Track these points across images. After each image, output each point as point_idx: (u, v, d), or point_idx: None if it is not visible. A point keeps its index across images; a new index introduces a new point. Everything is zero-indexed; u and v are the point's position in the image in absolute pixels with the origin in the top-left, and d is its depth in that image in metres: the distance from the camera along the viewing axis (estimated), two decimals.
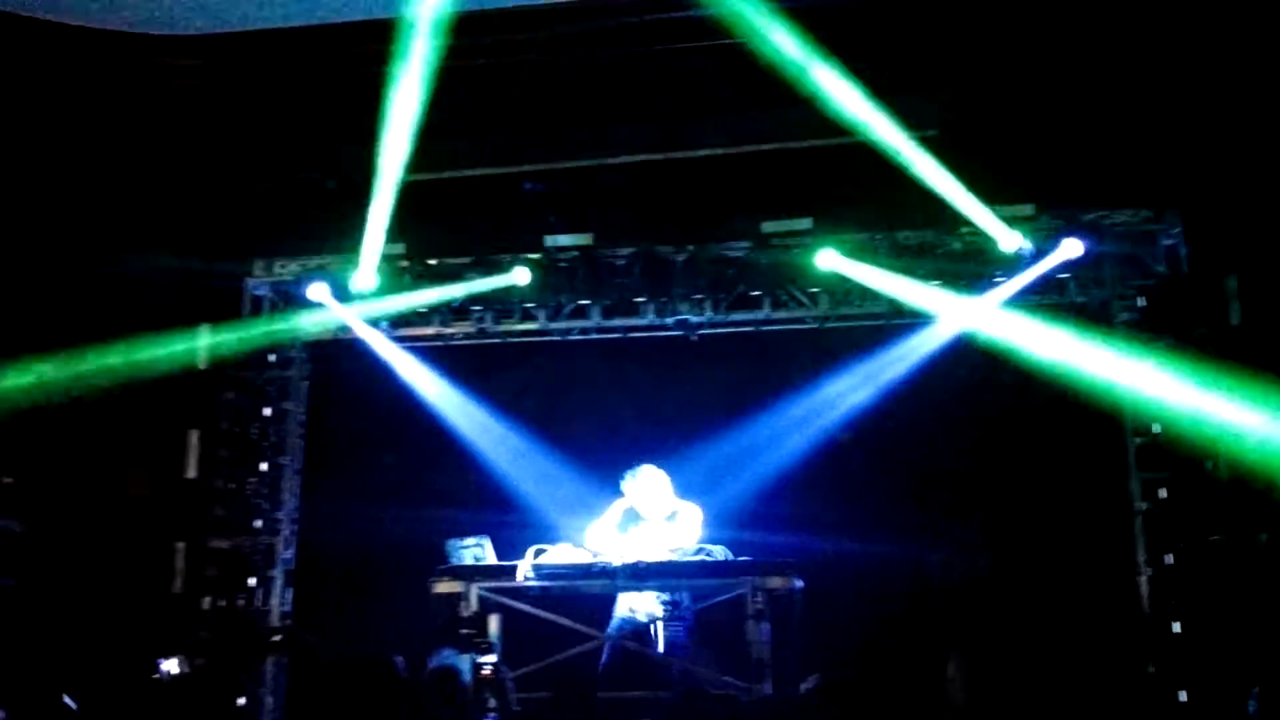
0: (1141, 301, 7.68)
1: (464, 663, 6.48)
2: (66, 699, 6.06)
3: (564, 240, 8.19)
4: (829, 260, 7.79)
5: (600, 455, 7.88)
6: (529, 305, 8.40)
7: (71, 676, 6.55)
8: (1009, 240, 7.59)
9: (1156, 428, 7.42)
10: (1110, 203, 7.71)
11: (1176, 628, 7.08)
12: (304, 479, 8.57)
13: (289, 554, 8.42)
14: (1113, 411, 7.56)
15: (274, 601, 8.29)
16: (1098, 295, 7.86)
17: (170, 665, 7.22)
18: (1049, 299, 7.85)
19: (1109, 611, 7.30)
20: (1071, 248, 7.58)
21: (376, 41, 8.23)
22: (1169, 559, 7.24)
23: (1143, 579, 7.31)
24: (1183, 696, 6.87)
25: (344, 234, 8.39)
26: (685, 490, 7.27)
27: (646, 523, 7.18)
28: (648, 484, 7.22)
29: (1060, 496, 7.59)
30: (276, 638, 8.03)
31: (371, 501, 8.28)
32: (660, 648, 7.04)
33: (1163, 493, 7.37)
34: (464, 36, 8.26)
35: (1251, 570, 6.80)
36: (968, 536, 7.53)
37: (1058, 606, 7.37)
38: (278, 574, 8.34)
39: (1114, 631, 7.24)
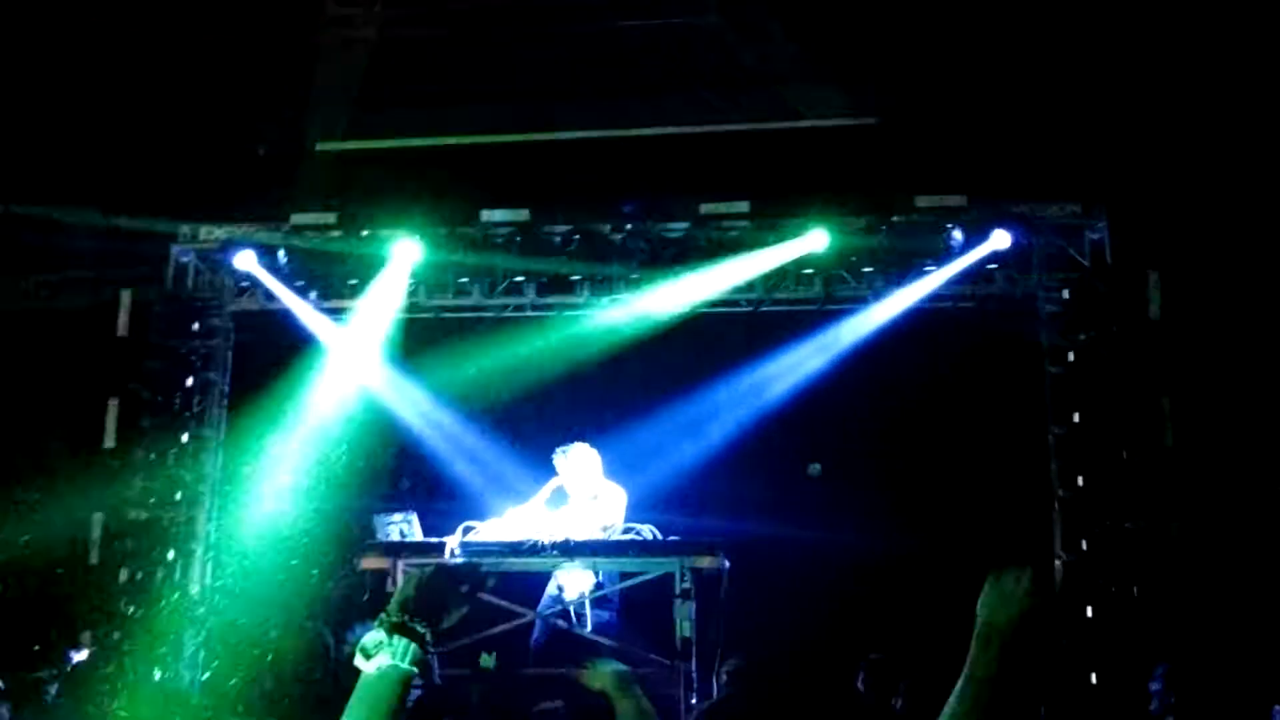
0: (1066, 294, 7.85)
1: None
2: None
3: (500, 215, 8.10)
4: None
5: (532, 433, 7.85)
6: (463, 280, 8.30)
7: None
8: (940, 230, 7.73)
9: (1076, 417, 7.62)
10: (1039, 196, 7.87)
11: (1089, 612, 7.30)
12: (227, 451, 8.40)
13: (210, 526, 8.26)
14: (1034, 401, 7.75)
15: (194, 574, 8.14)
16: (1024, 286, 8.02)
17: (80, 655, 7.06)
18: (977, 289, 8.00)
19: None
20: (1000, 239, 7.73)
21: (313, 8, 8.08)
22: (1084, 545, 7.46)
23: (1058, 564, 7.52)
24: (1093, 678, 7.09)
25: (273, 202, 8.23)
26: (616, 470, 7.28)
27: (573, 501, 7.18)
28: (577, 462, 7.21)
29: (984, 483, 7.76)
30: (200, 610, 7.88)
31: (298, 475, 8.15)
32: (588, 626, 7.05)
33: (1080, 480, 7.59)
34: (403, 6, 8.16)
35: (1162, 557, 7.05)
36: (891, 521, 7.66)
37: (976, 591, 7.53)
38: (198, 546, 8.18)
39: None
